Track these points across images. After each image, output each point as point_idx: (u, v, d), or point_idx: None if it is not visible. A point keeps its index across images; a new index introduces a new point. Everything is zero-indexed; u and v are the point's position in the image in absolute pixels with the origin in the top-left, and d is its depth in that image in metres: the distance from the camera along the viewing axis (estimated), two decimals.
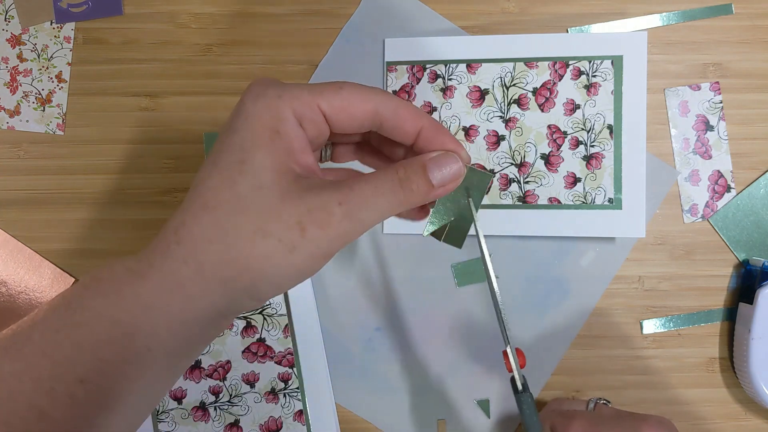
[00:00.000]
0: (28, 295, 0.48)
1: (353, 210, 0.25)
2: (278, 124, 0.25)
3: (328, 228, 0.25)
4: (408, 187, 0.27)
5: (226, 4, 0.48)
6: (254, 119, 0.25)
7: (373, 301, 0.48)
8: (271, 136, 0.25)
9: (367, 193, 0.25)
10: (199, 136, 0.48)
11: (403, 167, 0.27)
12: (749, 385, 0.44)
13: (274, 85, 0.26)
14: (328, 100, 0.26)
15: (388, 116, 0.28)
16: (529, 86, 0.47)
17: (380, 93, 0.28)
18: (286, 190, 0.25)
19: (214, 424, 0.47)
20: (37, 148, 0.49)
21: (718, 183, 0.47)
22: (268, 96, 0.26)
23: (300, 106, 0.26)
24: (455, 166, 0.28)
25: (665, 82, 0.47)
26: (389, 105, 0.28)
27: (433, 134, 0.28)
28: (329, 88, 0.27)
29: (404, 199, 0.27)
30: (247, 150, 0.25)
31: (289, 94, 0.26)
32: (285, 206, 0.24)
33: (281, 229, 0.24)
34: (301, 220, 0.24)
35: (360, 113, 0.27)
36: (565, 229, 0.46)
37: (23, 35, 0.48)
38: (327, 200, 0.25)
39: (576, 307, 0.47)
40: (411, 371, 0.47)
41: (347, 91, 0.27)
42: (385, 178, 0.26)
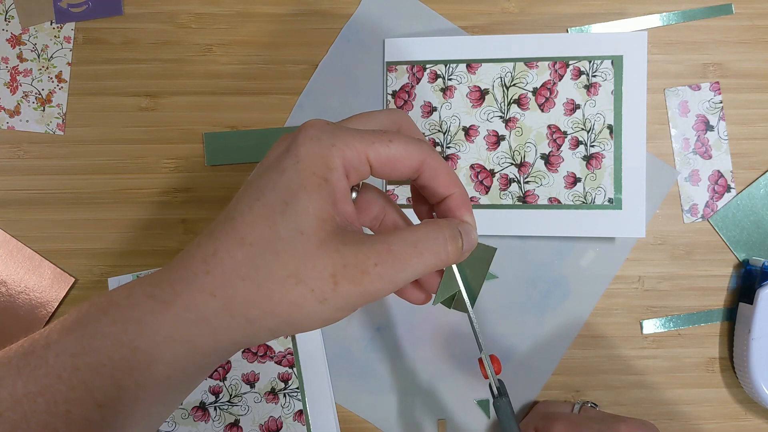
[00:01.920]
0: (28, 295, 0.48)
1: (388, 271, 0.25)
2: (328, 172, 0.25)
3: (360, 286, 0.25)
4: (452, 246, 0.27)
5: (226, 4, 0.48)
6: (305, 164, 0.25)
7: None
8: (320, 183, 0.25)
9: (404, 254, 0.25)
10: (199, 136, 0.48)
11: (449, 227, 0.27)
12: (749, 385, 0.44)
13: (329, 131, 0.26)
14: (376, 152, 0.26)
15: (428, 175, 0.28)
16: (529, 86, 0.47)
17: (426, 149, 0.28)
18: (325, 239, 0.25)
19: (214, 424, 0.47)
20: (37, 148, 0.48)
21: (718, 183, 0.47)
22: (322, 142, 0.25)
23: (350, 156, 0.26)
24: (474, 238, 0.29)
25: (665, 82, 0.47)
26: (431, 165, 0.28)
27: (458, 204, 0.29)
28: (380, 139, 0.27)
29: (442, 260, 0.27)
30: (294, 192, 0.25)
31: (342, 143, 0.26)
32: (321, 256, 0.24)
33: (315, 278, 0.24)
34: (336, 273, 0.24)
35: (404, 168, 0.28)
36: (565, 229, 0.46)
37: (23, 35, 0.48)
38: (364, 259, 0.25)
39: (576, 307, 0.47)
40: (411, 371, 0.47)
41: (396, 146, 0.27)
42: (428, 236, 0.26)
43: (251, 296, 0.24)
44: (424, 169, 0.28)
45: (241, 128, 0.48)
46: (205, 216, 0.48)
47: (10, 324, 0.48)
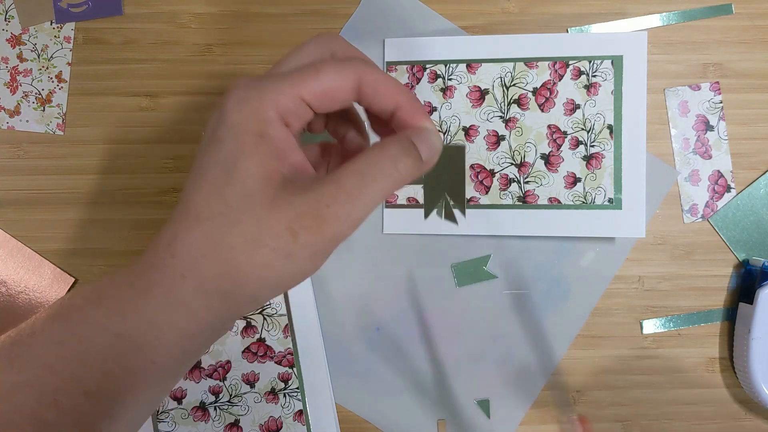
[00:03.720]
0: (28, 295, 0.48)
1: (343, 209, 0.24)
2: (263, 127, 0.25)
3: (319, 231, 0.24)
4: (403, 164, 0.25)
5: (226, 4, 0.48)
6: (238, 127, 0.25)
7: (373, 301, 0.48)
8: (256, 141, 0.24)
9: (355, 187, 0.24)
10: (199, 136, 0.48)
11: (396, 145, 0.26)
12: (749, 385, 0.44)
13: (254, 86, 0.25)
14: (309, 88, 0.25)
15: (368, 91, 0.27)
16: (529, 86, 0.47)
17: (359, 66, 0.26)
18: (274, 196, 0.24)
19: (214, 424, 0.47)
20: (37, 148, 0.48)
21: (718, 183, 0.47)
22: (250, 100, 0.25)
23: (284, 102, 0.25)
24: (438, 143, 0.27)
25: (665, 82, 0.47)
26: (369, 79, 0.26)
27: (411, 111, 0.27)
28: (308, 74, 0.25)
29: (396, 181, 0.26)
30: (233, 159, 0.24)
31: (270, 93, 0.25)
32: (274, 214, 0.24)
33: (273, 237, 0.24)
34: (292, 226, 0.24)
35: (342, 93, 0.26)
36: (565, 229, 0.46)
37: (23, 35, 0.48)
38: (314, 204, 0.24)
39: (576, 307, 0.47)
40: (411, 371, 0.47)
41: (326, 73, 0.25)
42: (376, 161, 0.25)
43: (219, 270, 0.24)
44: (362, 88, 0.26)
45: None
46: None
47: (10, 324, 0.48)
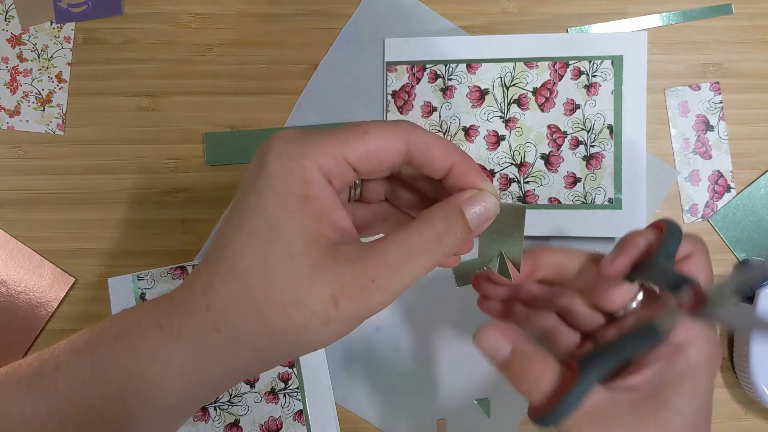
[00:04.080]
0: (28, 295, 0.48)
1: (387, 282, 0.24)
2: (306, 188, 0.24)
3: (361, 303, 0.24)
4: (448, 240, 0.25)
5: (226, 4, 0.48)
6: (280, 183, 0.24)
7: None
8: (300, 202, 0.24)
9: (400, 263, 0.24)
10: (199, 136, 0.48)
11: (441, 220, 0.25)
12: (749, 385, 0.44)
13: (296, 141, 0.25)
14: (354, 149, 0.25)
15: (418, 154, 0.26)
16: (529, 86, 0.47)
17: (408, 129, 0.26)
18: (318, 261, 0.24)
19: (214, 424, 0.47)
20: (37, 148, 0.48)
21: (718, 183, 0.47)
22: (291, 156, 0.24)
23: (326, 162, 0.24)
24: (492, 207, 0.27)
25: (665, 82, 0.47)
26: (419, 142, 0.26)
27: (463, 171, 0.27)
28: (354, 134, 0.25)
29: (442, 254, 0.25)
30: (275, 216, 0.24)
31: (313, 150, 0.24)
32: (317, 279, 0.24)
33: (315, 302, 0.24)
34: (335, 294, 0.24)
35: (388, 156, 0.26)
36: (565, 229, 0.46)
37: (23, 35, 0.48)
38: (360, 276, 0.24)
39: None
40: (411, 371, 0.47)
41: (373, 136, 0.25)
42: (420, 236, 0.25)
43: (255, 327, 0.24)
44: (412, 150, 0.26)
45: (241, 128, 0.48)
46: (204, 216, 0.48)
47: (10, 324, 0.48)
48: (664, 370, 0.28)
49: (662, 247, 0.27)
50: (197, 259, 0.48)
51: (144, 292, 0.47)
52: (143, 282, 0.47)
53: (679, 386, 0.27)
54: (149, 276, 0.47)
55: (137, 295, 0.47)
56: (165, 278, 0.47)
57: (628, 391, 0.27)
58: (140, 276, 0.47)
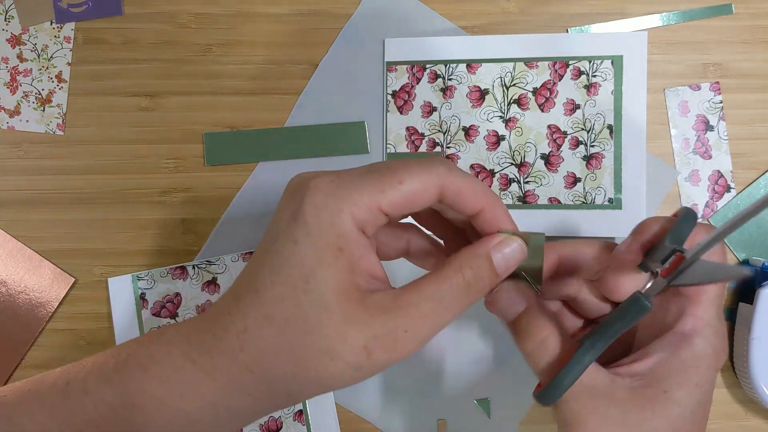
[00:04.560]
0: (28, 295, 0.48)
1: (418, 333, 0.25)
2: (342, 241, 0.25)
3: (393, 352, 0.25)
4: (477, 288, 0.26)
5: (226, 4, 0.48)
6: (317, 235, 0.24)
7: None
8: (336, 255, 0.24)
9: (432, 311, 0.25)
10: (199, 136, 0.48)
11: (470, 267, 0.26)
12: (749, 385, 0.44)
13: (333, 192, 0.25)
14: (389, 199, 0.25)
15: (450, 196, 0.27)
16: (529, 86, 0.47)
17: (443, 174, 0.26)
18: (351, 312, 0.24)
19: None
20: (37, 148, 0.48)
21: (718, 183, 0.47)
22: (330, 209, 0.25)
23: (362, 214, 0.25)
24: (519, 253, 0.27)
25: (665, 82, 0.47)
26: (452, 186, 0.26)
27: (492, 216, 0.27)
28: (390, 184, 0.25)
29: (470, 301, 0.26)
30: (312, 268, 0.24)
31: (350, 204, 0.25)
32: (351, 330, 0.24)
33: (348, 352, 0.24)
34: (368, 345, 0.24)
35: (422, 200, 0.26)
36: (565, 229, 0.46)
37: (23, 35, 0.48)
38: (393, 328, 0.24)
39: None
40: (411, 371, 0.47)
41: (408, 185, 0.25)
42: (450, 285, 0.26)
43: (289, 372, 0.25)
44: (445, 193, 0.26)
45: (241, 128, 0.48)
46: (204, 216, 0.48)
47: (10, 324, 0.48)
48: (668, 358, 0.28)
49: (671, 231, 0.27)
50: (197, 259, 0.48)
51: (144, 292, 0.47)
52: (143, 282, 0.47)
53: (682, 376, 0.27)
54: (149, 276, 0.47)
55: (137, 295, 0.47)
56: (165, 278, 0.47)
57: (630, 377, 0.28)
58: (140, 276, 0.47)
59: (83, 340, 0.48)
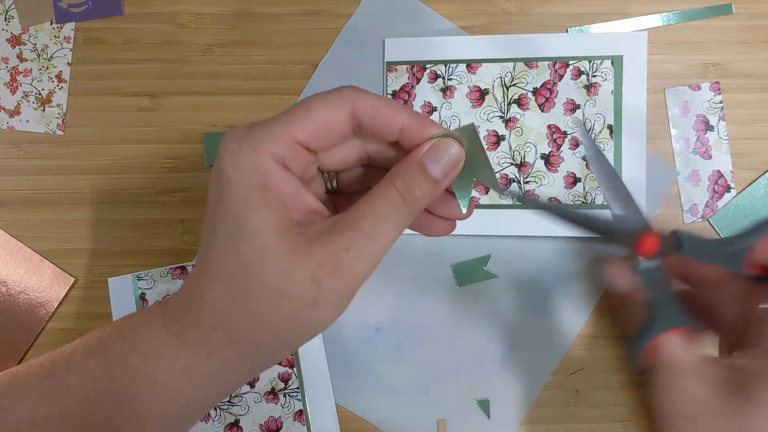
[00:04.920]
0: (28, 295, 0.48)
1: (362, 250, 0.24)
2: (263, 178, 0.24)
3: (342, 275, 0.24)
4: (412, 196, 0.25)
5: (226, 4, 0.48)
6: (238, 179, 0.24)
7: (373, 301, 0.48)
8: (261, 194, 0.24)
9: (371, 227, 0.24)
10: (199, 136, 0.48)
11: (400, 177, 0.25)
12: None
13: (245, 135, 0.25)
14: (301, 128, 0.25)
15: (366, 118, 0.26)
16: (529, 86, 0.47)
17: (351, 94, 0.26)
18: (291, 246, 0.24)
19: (214, 424, 0.47)
20: (37, 148, 0.49)
21: (718, 183, 0.47)
22: (243, 152, 0.25)
23: (277, 149, 0.25)
24: (452, 152, 0.26)
25: (665, 82, 0.47)
26: (364, 106, 0.26)
27: (416, 128, 0.26)
28: (298, 113, 0.25)
29: (411, 211, 0.25)
30: (241, 214, 0.24)
31: (264, 140, 0.25)
32: (295, 264, 0.24)
33: (297, 287, 0.24)
34: (315, 275, 0.24)
35: (337, 126, 0.26)
36: (565, 229, 0.46)
37: (23, 35, 0.48)
38: (334, 250, 0.24)
39: (576, 307, 0.47)
40: (411, 371, 0.47)
41: (317, 110, 0.25)
42: (385, 198, 0.25)
43: (248, 325, 0.24)
44: (359, 115, 0.26)
45: None
46: (204, 216, 0.48)
47: (10, 324, 0.48)
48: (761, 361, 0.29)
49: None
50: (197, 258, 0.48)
51: (144, 292, 0.47)
52: (143, 282, 0.47)
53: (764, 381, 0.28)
54: (149, 276, 0.47)
55: (137, 295, 0.47)
56: (165, 278, 0.47)
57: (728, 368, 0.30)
58: (140, 276, 0.47)
59: None
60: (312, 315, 0.24)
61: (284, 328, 0.24)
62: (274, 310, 0.24)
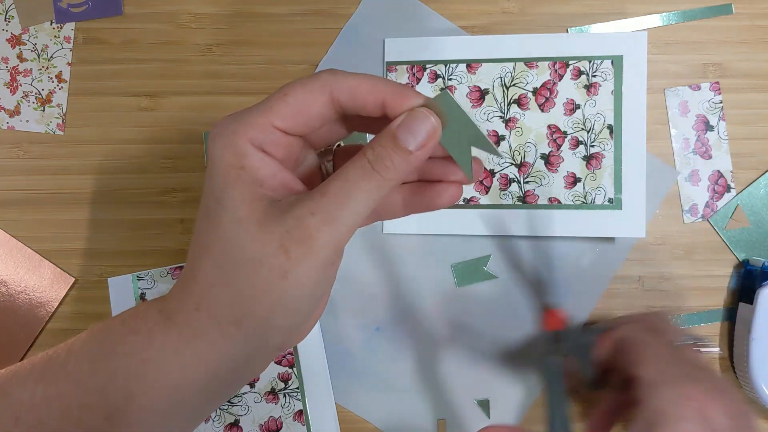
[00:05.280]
0: (28, 295, 0.48)
1: (330, 215, 0.24)
2: (241, 159, 0.25)
3: (310, 242, 0.24)
4: (382, 166, 0.25)
5: (226, 4, 0.48)
6: (220, 161, 0.25)
7: (373, 301, 0.48)
8: (237, 173, 0.25)
9: (339, 192, 0.24)
10: (199, 136, 0.48)
11: (371, 146, 0.25)
12: (749, 385, 0.44)
13: (230, 121, 0.26)
14: (278, 114, 0.25)
15: (346, 99, 0.26)
16: (529, 86, 0.47)
17: (327, 78, 0.26)
18: (263, 217, 0.24)
19: (214, 424, 0.47)
20: (37, 148, 0.48)
21: (718, 183, 0.47)
22: (225, 135, 0.25)
23: (256, 134, 0.25)
24: (426, 122, 0.25)
25: (665, 82, 0.47)
26: (342, 87, 0.26)
27: (397, 99, 0.26)
28: (276, 99, 0.26)
29: (383, 181, 0.25)
30: (221, 190, 0.25)
31: (243, 126, 0.25)
32: (265, 233, 0.24)
33: (267, 256, 0.24)
34: (282, 242, 0.24)
35: (316, 109, 0.26)
36: (565, 229, 0.46)
37: (23, 35, 0.48)
38: (300, 215, 0.24)
39: (576, 307, 0.47)
40: (411, 371, 0.47)
41: (293, 95, 0.26)
42: (354, 166, 0.25)
43: (227, 298, 0.25)
44: (338, 97, 0.26)
45: None
46: None
47: (10, 324, 0.48)
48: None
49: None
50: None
51: (144, 292, 0.47)
52: (143, 282, 0.47)
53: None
54: (149, 276, 0.47)
55: (137, 295, 0.47)
56: (165, 278, 0.47)
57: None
58: (140, 276, 0.47)
59: None
60: (283, 286, 0.24)
61: (260, 302, 0.24)
62: (248, 281, 0.24)
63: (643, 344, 0.35)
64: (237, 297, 0.24)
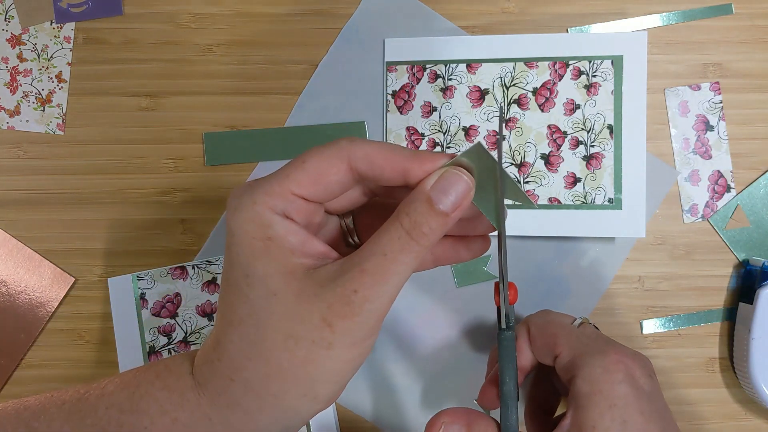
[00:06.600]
0: (28, 295, 0.48)
1: (371, 291, 0.24)
2: (266, 230, 0.24)
3: (354, 316, 0.24)
4: (419, 233, 0.24)
5: (226, 4, 0.48)
6: (241, 234, 0.25)
7: None
8: (265, 245, 0.24)
9: (378, 267, 0.24)
10: (199, 136, 0.48)
11: (406, 215, 0.24)
12: (749, 385, 0.44)
13: (245, 191, 0.25)
14: (296, 182, 0.25)
15: (363, 167, 0.25)
16: (529, 86, 0.47)
17: (345, 146, 0.25)
18: (300, 290, 0.24)
19: None
20: (37, 148, 0.49)
21: (718, 183, 0.47)
22: (244, 207, 0.25)
23: (277, 203, 0.25)
24: (460, 182, 0.25)
25: (665, 82, 0.47)
26: (358, 155, 0.25)
27: (418, 163, 0.25)
28: (294, 167, 0.25)
29: (420, 248, 0.24)
30: (248, 264, 0.25)
31: (262, 195, 0.25)
32: (304, 307, 0.24)
33: (310, 330, 0.24)
34: (325, 317, 0.24)
35: (334, 176, 0.25)
36: (565, 229, 0.46)
37: (23, 35, 0.48)
38: (342, 292, 0.24)
39: (576, 307, 0.47)
40: (411, 371, 0.47)
41: (310, 163, 0.25)
42: (391, 237, 0.24)
43: (264, 372, 0.24)
44: (356, 165, 0.25)
45: (241, 128, 0.48)
46: (204, 216, 0.48)
47: (10, 324, 0.48)
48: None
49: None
50: (197, 259, 0.48)
51: (144, 292, 0.47)
52: (143, 282, 0.47)
53: None
54: (149, 276, 0.47)
55: (137, 295, 0.47)
56: (165, 278, 0.47)
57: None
58: (140, 276, 0.47)
59: (83, 340, 0.48)
60: (327, 357, 0.24)
61: (300, 374, 0.24)
62: (288, 355, 0.24)
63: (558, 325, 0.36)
64: (274, 371, 0.24)
